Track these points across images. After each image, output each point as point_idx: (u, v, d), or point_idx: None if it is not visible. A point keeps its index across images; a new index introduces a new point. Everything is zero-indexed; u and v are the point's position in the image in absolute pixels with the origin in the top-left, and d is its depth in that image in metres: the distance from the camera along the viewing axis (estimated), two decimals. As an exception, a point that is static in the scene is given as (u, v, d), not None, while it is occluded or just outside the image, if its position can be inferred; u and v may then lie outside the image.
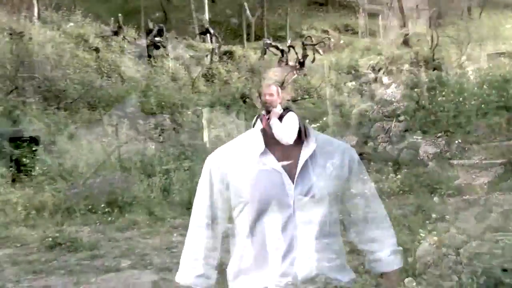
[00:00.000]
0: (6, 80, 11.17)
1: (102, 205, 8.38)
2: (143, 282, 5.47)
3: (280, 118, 4.99)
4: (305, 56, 20.38)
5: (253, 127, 5.22)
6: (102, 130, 11.01)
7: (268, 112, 5.17)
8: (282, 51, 21.77)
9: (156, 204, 8.78)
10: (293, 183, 4.02)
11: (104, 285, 5.46)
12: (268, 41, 22.27)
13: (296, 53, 21.41)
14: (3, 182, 8.69)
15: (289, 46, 22.72)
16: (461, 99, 12.99)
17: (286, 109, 5.31)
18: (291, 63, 20.78)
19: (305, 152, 4.94)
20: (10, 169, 9.14)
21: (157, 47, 17.55)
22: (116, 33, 18.29)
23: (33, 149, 9.47)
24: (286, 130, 5.01)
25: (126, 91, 12.61)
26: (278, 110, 5.30)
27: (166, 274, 5.68)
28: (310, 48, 20.37)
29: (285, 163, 4.42)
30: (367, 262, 3.62)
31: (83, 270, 5.95)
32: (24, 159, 9.25)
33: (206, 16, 22.13)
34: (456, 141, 11.80)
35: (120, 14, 18.86)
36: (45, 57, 12.17)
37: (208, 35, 21.18)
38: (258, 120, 5.17)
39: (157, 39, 17.70)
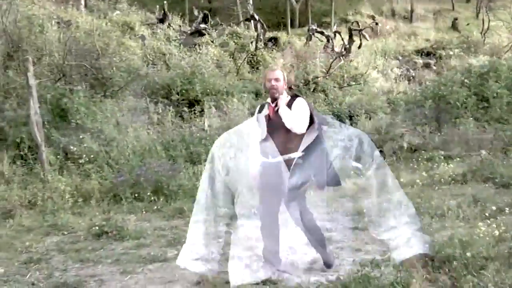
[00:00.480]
0: (54, 68, 11.28)
1: (148, 193, 8.37)
2: (191, 273, 5.38)
3: (289, 105, 4.69)
4: (351, 42, 19.98)
5: (259, 113, 4.89)
6: (148, 118, 11.02)
7: (274, 99, 4.74)
8: (327, 37, 21.44)
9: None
10: (289, 171, 4.24)
11: (151, 275, 5.41)
12: (313, 27, 21.96)
13: (342, 39, 21.05)
14: (51, 170, 8.77)
15: (335, 32, 22.38)
16: (514, 85, 12.55)
17: (294, 96, 4.84)
18: (336, 49, 20.45)
19: (306, 140, 4.78)
20: (58, 156, 9.22)
21: (202, 34, 17.51)
22: (161, 21, 18.34)
23: (80, 136, 9.53)
24: (297, 120, 4.63)
25: (171, 78, 12.57)
26: (285, 97, 4.83)
27: (213, 265, 5.58)
28: (356, 33, 19.95)
29: (285, 157, 4.30)
30: (390, 252, 3.88)
31: (129, 260, 5.92)
32: (72, 147, 9.31)
33: (251, 2, 21.92)
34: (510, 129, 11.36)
35: (165, 2, 18.89)
36: (92, 45, 12.23)
37: (252, 21, 21.01)
38: (265, 107, 4.87)
39: (202, 26, 17.65)
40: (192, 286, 5.04)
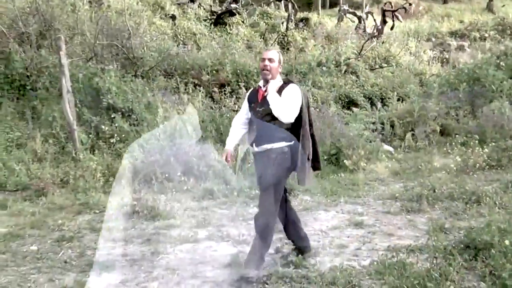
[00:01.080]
0: (86, 47, 11.30)
1: (178, 174, 8.36)
2: (221, 255, 5.37)
3: (280, 91, 4.49)
4: (383, 23, 19.63)
5: (249, 97, 5.01)
6: (178, 98, 10.99)
7: (266, 82, 4.52)
8: (359, 18, 21.12)
9: (232, 174, 8.68)
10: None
11: (182, 256, 5.41)
12: (345, 8, 21.64)
13: (374, 20, 20.72)
14: (83, 149, 8.82)
15: (367, 13, 22.03)
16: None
17: (288, 82, 4.63)
18: (368, 30, 20.12)
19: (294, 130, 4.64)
20: (89, 135, 9.27)
21: (233, 14, 17.36)
22: (192, 0, 18.23)
23: (112, 116, 9.56)
24: (285, 108, 4.43)
25: (202, 58, 12.51)
26: (278, 81, 4.59)
27: (244, 247, 5.56)
28: (389, 14, 19.58)
29: (268, 147, 4.58)
30: None
31: (160, 240, 5.93)
32: (103, 126, 9.35)
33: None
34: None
35: (195, -19, 18.78)
36: (123, 25, 12.21)
37: (283, 1, 20.78)
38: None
39: (232, 6, 17.49)
40: (224, 268, 5.02)
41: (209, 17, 16.78)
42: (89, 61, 10.77)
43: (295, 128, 4.64)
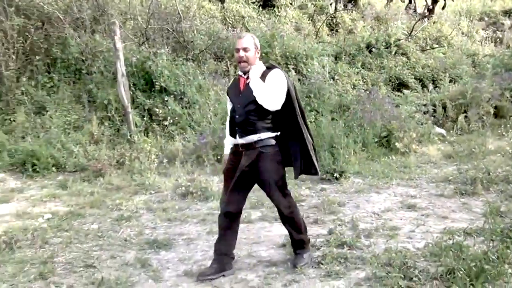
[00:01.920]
0: (138, 31, 11.50)
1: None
2: (275, 235, 5.47)
3: (264, 78, 4.21)
4: (434, 2, 19.19)
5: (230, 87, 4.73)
6: (228, 81, 11.07)
7: (246, 72, 4.27)
8: (410, -2, 20.70)
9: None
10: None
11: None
12: (395, -13, 21.22)
13: (425, 0, 20.26)
14: (137, 131, 9.04)
15: (418, -8, 21.53)
16: None
17: (270, 67, 4.35)
18: (419, 10, 19.73)
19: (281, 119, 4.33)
20: (143, 118, 9.48)
21: (281, -4, 17.27)
22: (240, -17, 18.22)
23: (164, 99, 9.74)
24: (270, 94, 4.18)
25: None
26: (260, 67, 4.30)
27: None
28: (440, -7, 19.12)
29: (254, 138, 4.23)
30: None
31: (215, 220, 6.05)
32: (156, 109, 9.55)
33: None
34: None
35: (243, -37, 18.76)
36: (173, 9, 12.35)
37: (331, -18, 20.55)
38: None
39: (281, -12, 17.38)
40: (278, 248, 5.12)
41: (257, 0, 16.76)
42: (142, 45, 10.96)
43: (283, 118, 4.36)
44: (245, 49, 4.26)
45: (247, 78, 4.29)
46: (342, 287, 4.09)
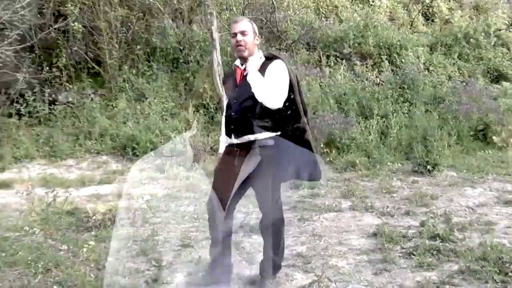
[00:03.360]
0: (233, 22, 11.74)
1: (321, 145, 8.54)
2: (366, 225, 5.50)
3: (263, 70, 3.76)
4: (540, -10, 18.21)
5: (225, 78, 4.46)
6: (320, 71, 11.12)
7: (244, 60, 3.72)
8: (512, -14, 19.75)
9: (374, 147, 8.72)
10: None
11: (327, 224, 5.61)
12: (497, -25, 20.31)
13: (530, -13, 19.26)
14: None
15: (521, -20, 20.51)
16: None
17: (271, 57, 3.78)
18: (522, -2, 18.79)
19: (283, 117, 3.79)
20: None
21: (375, -14, 17.03)
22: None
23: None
24: (271, 90, 3.60)
25: (344, 31, 12.49)
26: (258, 57, 3.75)
27: (388, 219, 5.66)
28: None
29: (251, 138, 3.68)
30: None
31: (305, 208, 6.18)
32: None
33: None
34: None
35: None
36: (267, 0, 12.53)
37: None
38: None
39: (375, -23, 17.14)
40: (368, 237, 5.16)
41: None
42: (236, 35, 11.20)
43: (284, 116, 3.78)
44: (242, 33, 3.69)
45: (245, 69, 3.77)
46: (434, 278, 4.08)
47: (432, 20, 15.72)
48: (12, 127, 8.58)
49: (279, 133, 3.79)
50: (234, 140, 3.80)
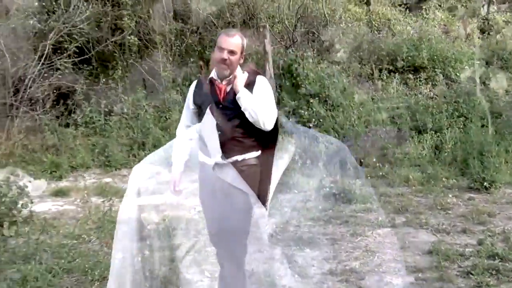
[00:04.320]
0: (285, 35, 11.82)
1: (373, 160, 8.45)
2: (420, 242, 5.39)
3: (249, 87, 3.48)
4: None
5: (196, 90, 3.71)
6: (372, 85, 11.03)
7: (224, 77, 3.52)
8: None
9: (428, 162, 8.55)
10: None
11: (381, 240, 5.53)
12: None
13: None
14: (282, 131, 9.26)
15: None
16: None
17: (253, 73, 3.64)
18: None
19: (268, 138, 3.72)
20: (289, 119, 9.73)
21: (429, -2, 16.79)
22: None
23: (310, 101, 9.93)
24: (267, 111, 3.45)
25: (397, 44, 12.37)
26: (241, 73, 3.54)
27: (444, 236, 5.53)
28: None
29: (234, 159, 3.51)
30: None
31: (358, 222, 6.11)
32: (301, 111, 9.76)
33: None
34: None
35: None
36: (319, 12, 12.55)
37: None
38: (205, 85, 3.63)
39: (428, -11, 16.91)
40: (424, 254, 5.05)
41: (404, 2, 16.42)
42: (289, 48, 11.25)
43: (263, 136, 3.65)
44: (232, 52, 3.41)
45: (227, 84, 3.51)
46: (493, 299, 3.97)
47: (488, 33, 15.38)
48: (69, 137, 8.83)
49: (259, 152, 3.70)
50: (219, 160, 3.55)
